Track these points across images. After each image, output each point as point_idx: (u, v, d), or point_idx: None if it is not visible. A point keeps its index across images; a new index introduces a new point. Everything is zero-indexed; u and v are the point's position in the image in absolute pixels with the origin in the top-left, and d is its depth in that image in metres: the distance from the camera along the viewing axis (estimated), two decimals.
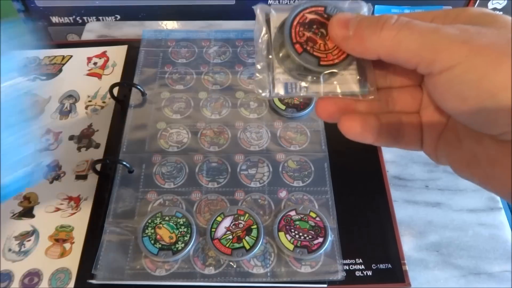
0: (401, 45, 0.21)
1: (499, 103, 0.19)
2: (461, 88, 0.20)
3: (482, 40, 0.19)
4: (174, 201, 0.40)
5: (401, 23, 0.21)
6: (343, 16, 0.23)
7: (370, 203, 0.41)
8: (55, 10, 0.63)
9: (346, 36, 0.22)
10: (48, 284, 0.37)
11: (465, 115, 0.21)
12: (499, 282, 0.38)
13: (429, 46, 0.20)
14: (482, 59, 0.19)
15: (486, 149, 0.22)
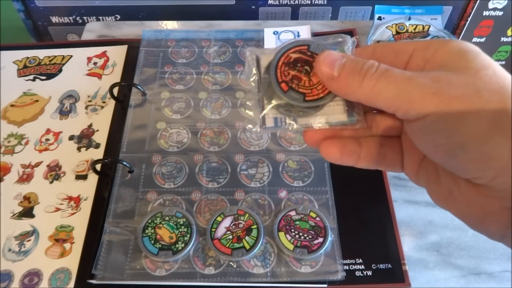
0: (379, 95, 0.22)
1: (468, 152, 0.20)
2: (434, 136, 0.21)
3: (451, 92, 0.20)
4: (174, 201, 0.40)
5: (380, 73, 0.22)
6: (330, 55, 0.24)
7: (370, 203, 0.41)
8: (55, 10, 0.63)
9: (331, 76, 0.24)
10: (48, 284, 0.37)
11: (438, 159, 0.23)
12: (499, 282, 0.38)
13: (403, 96, 0.21)
14: (451, 110, 0.20)
15: (461, 189, 0.23)
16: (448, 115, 0.20)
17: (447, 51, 0.23)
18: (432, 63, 0.23)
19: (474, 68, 0.21)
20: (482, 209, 0.22)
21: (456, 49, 0.22)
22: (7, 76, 0.52)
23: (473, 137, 0.20)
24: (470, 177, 0.21)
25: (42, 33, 0.66)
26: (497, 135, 0.19)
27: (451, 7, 0.61)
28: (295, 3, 0.63)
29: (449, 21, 0.62)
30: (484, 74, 0.21)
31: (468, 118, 0.20)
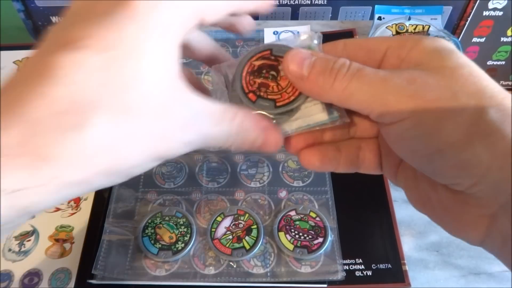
0: (352, 97, 0.21)
1: (446, 158, 0.20)
2: (410, 142, 0.21)
3: (427, 95, 0.19)
4: (174, 201, 0.40)
5: (352, 73, 0.21)
6: (298, 54, 0.22)
7: (370, 203, 0.41)
8: (55, 10, 0.63)
9: (300, 76, 0.22)
10: (48, 284, 0.37)
11: (415, 164, 0.22)
12: (499, 282, 0.38)
13: (378, 98, 0.20)
14: (427, 115, 0.19)
15: (439, 195, 0.22)
16: (424, 120, 0.19)
17: (421, 49, 0.22)
18: (407, 62, 0.22)
19: (450, 67, 0.20)
20: (460, 216, 0.21)
21: (430, 47, 0.21)
22: (7, 76, 0.51)
23: (450, 144, 0.19)
24: (448, 183, 0.21)
25: (42, 33, 0.66)
26: (476, 142, 0.19)
27: (451, 7, 0.60)
28: (295, 3, 0.63)
29: (449, 21, 0.62)
30: (460, 74, 0.20)
31: (445, 124, 0.19)
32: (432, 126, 0.19)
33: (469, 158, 0.19)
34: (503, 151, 0.18)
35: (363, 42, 0.24)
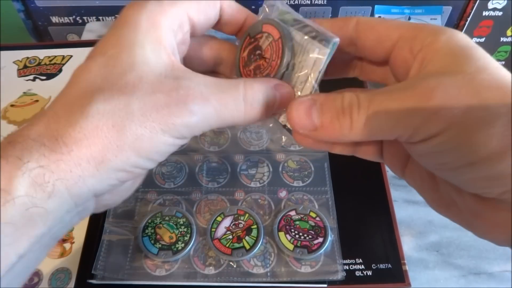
0: (375, 130, 0.20)
1: (478, 171, 0.19)
2: (440, 156, 0.20)
3: (454, 109, 0.18)
4: (174, 201, 0.40)
5: (365, 107, 0.20)
6: (299, 106, 0.22)
7: (370, 203, 0.41)
8: (55, 10, 0.63)
9: (314, 128, 0.21)
10: (48, 284, 0.37)
11: (442, 175, 0.21)
12: (499, 282, 0.38)
13: (402, 124, 0.19)
14: (457, 130, 0.18)
15: (466, 201, 0.21)
16: (455, 135, 0.18)
17: (437, 49, 0.20)
18: (421, 61, 0.21)
19: (469, 72, 0.19)
20: (490, 220, 0.21)
21: (447, 48, 0.20)
22: (7, 76, 0.52)
23: (483, 157, 0.18)
24: (479, 193, 0.20)
25: (42, 33, 0.66)
26: (508, 153, 0.18)
27: (451, 7, 0.61)
28: (295, 3, 0.63)
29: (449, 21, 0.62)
30: (481, 79, 0.19)
31: (477, 137, 0.18)
32: (464, 141, 0.18)
33: (502, 169, 0.18)
34: None
35: (376, 25, 0.22)
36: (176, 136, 0.21)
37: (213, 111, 0.21)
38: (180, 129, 0.21)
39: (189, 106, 0.21)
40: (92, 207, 0.23)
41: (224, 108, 0.22)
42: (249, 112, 0.23)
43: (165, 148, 0.22)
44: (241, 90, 0.22)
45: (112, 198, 0.24)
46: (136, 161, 0.21)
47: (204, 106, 0.21)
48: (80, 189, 0.20)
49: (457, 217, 0.23)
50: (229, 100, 0.22)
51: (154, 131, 0.20)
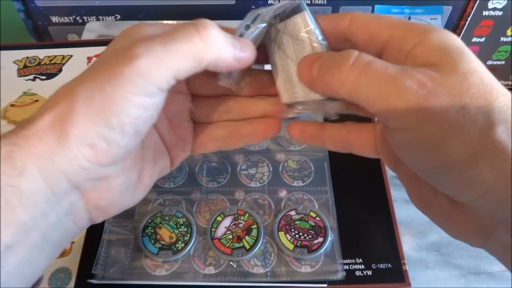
0: (359, 91, 0.20)
1: (449, 174, 0.19)
2: (414, 153, 0.20)
3: (437, 105, 0.18)
4: (174, 201, 0.40)
5: (360, 65, 0.20)
6: (309, 58, 0.23)
7: (370, 203, 0.41)
8: (55, 10, 0.63)
9: (311, 78, 0.22)
10: (48, 284, 0.37)
11: (417, 172, 0.21)
12: (499, 282, 0.38)
13: (385, 100, 0.19)
14: (434, 128, 0.18)
15: (440, 202, 0.22)
16: (431, 134, 0.19)
17: (429, 47, 0.20)
18: (413, 58, 0.21)
19: (461, 73, 0.19)
20: (460, 223, 0.21)
21: (439, 45, 0.20)
22: (7, 76, 0.52)
23: (456, 161, 0.18)
24: (450, 195, 0.20)
25: (42, 33, 0.66)
26: (481, 161, 0.18)
27: (451, 7, 0.61)
28: None
29: (449, 21, 0.62)
30: (470, 82, 0.19)
31: (452, 141, 0.18)
32: (438, 141, 0.19)
33: (473, 176, 0.18)
34: (507, 172, 0.18)
35: (368, 23, 0.22)
36: (135, 91, 0.20)
37: (160, 46, 0.20)
38: (131, 78, 0.20)
39: (132, 50, 0.20)
40: (82, 208, 0.23)
41: (173, 39, 0.20)
42: (205, 37, 0.21)
43: (129, 107, 0.20)
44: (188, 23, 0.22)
45: (102, 196, 0.23)
46: (97, 129, 0.20)
47: (148, 44, 0.20)
48: (50, 171, 0.20)
49: (433, 217, 0.23)
50: (178, 30, 0.21)
51: (103, 90, 0.20)
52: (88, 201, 0.23)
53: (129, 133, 0.21)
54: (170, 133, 0.28)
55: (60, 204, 0.21)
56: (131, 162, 0.25)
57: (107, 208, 0.25)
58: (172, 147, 0.29)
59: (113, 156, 0.22)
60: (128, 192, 0.25)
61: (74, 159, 0.20)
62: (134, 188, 0.26)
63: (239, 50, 0.22)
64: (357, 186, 0.42)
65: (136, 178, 0.26)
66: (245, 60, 0.23)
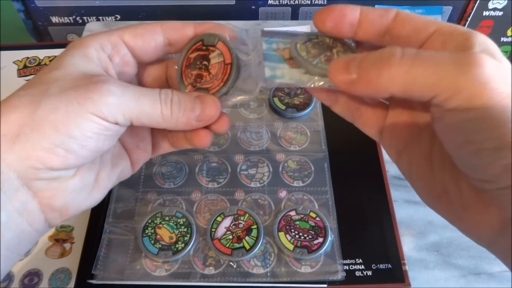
0: (416, 81, 0.19)
1: (499, 157, 0.18)
2: (468, 132, 0.19)
3: (502, 86, 0.18)
4: (174, 201, 0.40)
5: (410, 56, 0.19)
6: (340, 60, 0.22)
7: (370, 203, 0.41)
8: (55, 10, 0.63)
9: (350, 80, 0.21)
10: (48, 284, 0.37)
11: (459, 155, 0.20)
12: (499, 282, 0.38)
13: (447, 81, 0.18)
14: (498, 110, 0.18)
15: (461, 190, 0.21)
16: (493, 115, 0.18)
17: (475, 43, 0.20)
18: None
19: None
20: (477, 215, 0.21)
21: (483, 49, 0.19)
22: (7, 76, 0.52)
23: (509, 145, 0.18)
24: (483, 179, 0.19)
25: (42, 33, 0.66)
26: None
27: (451, 7, 0.61)
28: (295, 3, 0.63)
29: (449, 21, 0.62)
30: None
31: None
32: (501, 124, 0.18)
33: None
34: None
35: (414, 17, 0.22)
36: (97, 114, 0.22)
37: (131, 97, 0.23)
38: (99, 105, 0.22)
39: (107, 85, 0.23)
40: (36, 208, 0.23)
41: (142, 97, 0.24)
42: (165, 109, 0.25)
43: (88, 125, 0.22)
44: (157, 89, 0.25)
45: (55, 197, 0.24)
46: (56, 138, 0.22)
47: (123, 90, 0.23)
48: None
49: (446, 209, 0.23)
50: (148, 92, 0.24)
51: (69, 104, 0.22)
52: (42, 201, 0.23)
53: (90, 146, 0.23)
54: (130, 136, 0.29)
55: (10, 202, 0.22)
56: (88, 165, 0.25)
57: (63, 209, 0.25)
58: (133, 149, 0.30)
59: (67, 163, 0.23)
60: (84, 193, 0.26)
61: (27, 158, 0.21)
62: (90, 189, 0.26)
63: (199, 111, 0.25)
64: (357, 186, 0.42)
65: (93, 179, 0.26)
66: (207, 119, 0.26)
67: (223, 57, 0.26)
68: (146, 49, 0.27)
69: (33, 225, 0.24)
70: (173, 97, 0.25)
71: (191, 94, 0.26)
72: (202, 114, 0.26)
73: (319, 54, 0.25)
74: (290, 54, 0.25)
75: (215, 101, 0.26)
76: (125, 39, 0.26)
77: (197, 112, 0.25)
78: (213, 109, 0.26)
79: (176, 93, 0.25)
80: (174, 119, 0.25)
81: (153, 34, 0.27)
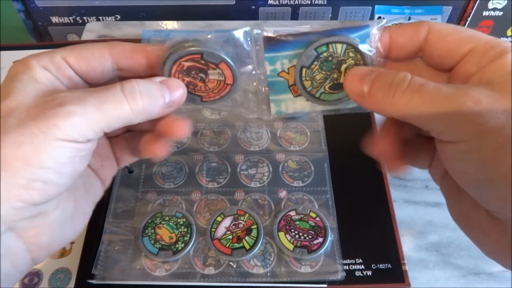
0: (413, 112, 0.21)
1: (495, 188, 0.19)
2: (463, 163, 0.20)
3: (491, 121, 0.19)
4: (174, 201, 0.40)
5: (413, 88, 0.20)
6: (358, 71, 0.23)
7: (370, 203, 0.41)
8: (55, 10, 0.63)
9: (361, 93, 0.23)
10: (48, 284, 0.37)
11: (463, 184, 0.21)
12: (499, 282, 0.38)
13: (439, 117, 0.20)
14: (486, 143, 0.19)
15: (480, 218, 0.22)
16: (482, 147, 0.19)
17: (501, 66, 0.21)
18: (481, 75, 0.21)
19: None
20: (497, 242, 0.21)
21: (509, 68, 0.20)
22: None
23: (503, 176, 0.19)
24: (491, 210, 0.21)
25: (42, 33, 0.66)
26: None
27: (451, 7, 0.61)
28: (295, 3, 0.63)
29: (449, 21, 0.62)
30: None
31: (502, 155, 0.18)
32: (489, 155, 0.19)
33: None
34: None
35: (447, 35, 0.22)
36: (66, 138, 0.21)
37: (94, 109, 0.22)
38: (65, 130, 0.21)
39: (66, 107, 0.21)
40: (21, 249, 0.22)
41: (105, 103, 0.22)
42: (133, 104, 0.23)
43: (60, 152, 0.21)
44: (117, 85, 0.23)
45: (41, 233, 0.23)
46: (30, 172, 0.21)
47: (82, 105, 0.22)
48: None
49: (471, 233, 0.24)
50: (109, 95, 0.23)
51: (34, 136, 0.21)
52: (27, 241, 0.23)
53: (67, 172, 0.22)
54: (93, 157, 0.28)
55: None
56: (65, 193, 0.24)
57: (49, 244, 0.24)
58: (99, 168, 0.29)
59: (48, 194, 0.22)
60: (67, 223, 0.25)
61: (5, 200, 0.20)
62: (72, 218, 0.26)
63: (168, 97, 0.24)
64: (357, 186, 0.42)
65: (72, 208, 0.26)
66: (176, 103, 0.25)
67: (224, 77, 0.26)
68: (91, 74, 0.25)
69: (17, 266, 0.23)
70: (140, 89, 0.23)
71: (155, 81, 0.25)
72: (171, 100, 0.25)
73: (325, 79, 0.25)
74: (295, 81, 0.25)
75: (179, 82, 0.25)
76: (69, 61, 0.25)
77: (167, 99, 0.24)
78: (180, 91, 0.25)
79: (141, 84, 0.24)
80: (147, 110, 0.24)
81: (100, 59, 0.25)
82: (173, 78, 0.25)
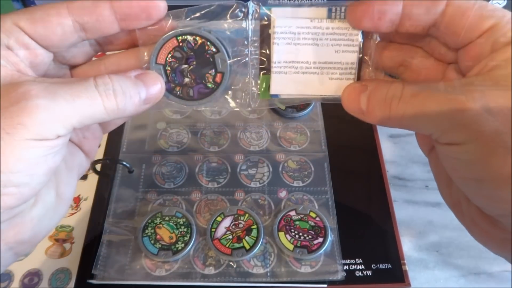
0: (409, 123, 0.21)
1: (483, 188, 0.20)
2: (456, 162, 0.21)
3: (486, 126, 0.19)
4: (174, 201, 0.40)
5: (406, 101, 0.21)
6: (353, 90, 0.24)
7: (370, 203, 0.41)
8: None
9: (360, 111, 0.23)
10: (48, 284, 0.37)
11: (455, 181, 0.22)
12: (499, 282, 0.38)
13: (434, 124, 0.20)
14: (478, 146, 0.19)
15: (470, 208, 0.23)
16: (476, 150, 0.20)
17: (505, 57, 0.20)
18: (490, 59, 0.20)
19: None
20: (485, 233, 0.23)
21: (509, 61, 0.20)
22: None
23: (491, 179, 0.19)
24: (479, 206, 0.22)
25: None
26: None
27: None
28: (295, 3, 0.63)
29: None
30: None
31: (493, 159, 0.19)
32: (479, 158, 0.20)
33: (504, 195, 0.19)
34: None
35: (467, 10, 0.20)
36: (35, 137, 0.19)
37: (65, 103, 0.20)
38: (33, 128, 0.19)
39: (32, 101, 0.19)
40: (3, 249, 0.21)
41: (77, 98, 0.20)
42: (107, 102, 0.21)
43: (29, 153, 0.19)
44: (91, 79, 0.21)
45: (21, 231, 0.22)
46: (2, 176, 0.19)
47: (52, 99, 0.19)
48: None
49: (461, 218, 0.24)
50: (81, 89, 0.21)
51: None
52: (7, 241, 0.21)
53: (40, 172, 0.21)
54: (74, 131, 0.24)
55: None
56: (44, 187, 0.23)
57: (32, 238, 0.23)
58: (81, 141, 0.27)
59: (24, 196, 0.20)
60: (49, 214, 0.24)
61: None
62: (55, 207, 0.24)
63: (144, 93, 0.23)
64: (357, 186, 0.42)
65: (53, 198, 0.24)
66: (153, 99, 0.24)
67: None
68: (51, 38, 0.22)
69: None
70: (114, 86, 0.21)
71: (130, 76, 0.23)
72: (148, 96, 0.23)
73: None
74: None
75: (157, 77, 0.24)
76: (22, 25, 0.21)
77: (143, 96, 0.23)
78: (157, 86, 0.23)
79: (115, 80, 0.22)
80: (121, 109, 0.22)
81: (58, 19, 0.22)
82: (150, 72, 0.24)
